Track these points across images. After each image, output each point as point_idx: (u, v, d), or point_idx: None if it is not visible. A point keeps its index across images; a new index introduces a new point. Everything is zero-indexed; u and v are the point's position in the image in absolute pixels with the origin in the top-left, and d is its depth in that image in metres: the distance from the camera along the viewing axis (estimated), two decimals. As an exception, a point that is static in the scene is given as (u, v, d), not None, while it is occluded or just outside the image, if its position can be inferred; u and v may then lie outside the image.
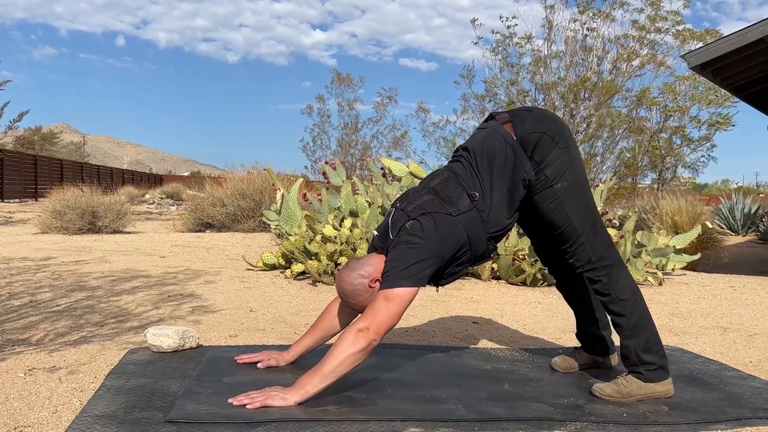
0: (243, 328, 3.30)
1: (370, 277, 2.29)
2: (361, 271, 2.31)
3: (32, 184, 24.82)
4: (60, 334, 3.01)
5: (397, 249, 2.23)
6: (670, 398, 2.43)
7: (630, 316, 2.43)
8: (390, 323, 2.16)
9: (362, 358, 2.14)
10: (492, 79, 17.23)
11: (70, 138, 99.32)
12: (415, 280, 2.19)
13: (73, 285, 4.37)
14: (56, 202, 9.08)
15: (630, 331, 2.43)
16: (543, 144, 2.35)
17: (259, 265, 5.50)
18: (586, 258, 2.43)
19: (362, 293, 2.30)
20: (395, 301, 2.16)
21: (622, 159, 16.66)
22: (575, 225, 2.40)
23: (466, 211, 2.28)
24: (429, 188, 2.35)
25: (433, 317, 3.80)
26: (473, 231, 2.29)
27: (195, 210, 10.27)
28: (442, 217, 2.25)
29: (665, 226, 7.39)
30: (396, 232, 2.27)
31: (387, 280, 2.20)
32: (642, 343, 2.42)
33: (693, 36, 16.11)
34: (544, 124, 2.40)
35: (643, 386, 2.39)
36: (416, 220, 2.24)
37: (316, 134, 24.08)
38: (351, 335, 2.12)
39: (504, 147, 2.34)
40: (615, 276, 2.44)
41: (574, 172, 2.40)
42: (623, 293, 2.44)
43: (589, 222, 2.43)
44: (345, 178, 5.93)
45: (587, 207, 2.44)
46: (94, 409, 2.01)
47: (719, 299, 4.94)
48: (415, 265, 2.18)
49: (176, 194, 24.70)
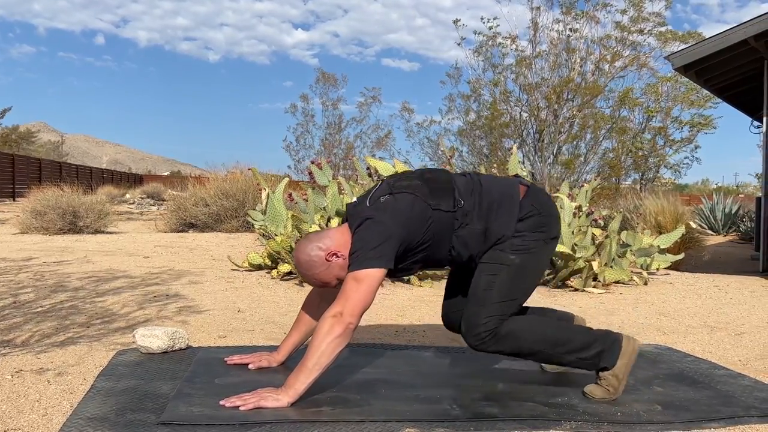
0: (232, 329, 3.27)
1: (327, 250, 2.24)
2: (320, 243, 2.26)
3: (10, 183, 24.48)
4: (46, 335, 2.96)
5: (365, 225, 2.20)
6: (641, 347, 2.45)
7: (541, 350, 2.36)
8: (363, 305, 2.13)
9: (342, 344, 2.11)
10: (476, 80, 17.29)
11: (48, 137, 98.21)
12: (385, 260, 2.16)
13: (56, 286, 4.31)
14: (36, 202, 8.95)
15: (555, 356, 2.38)
16: (533, 220, 2.34)
17: (245, 266, 5.46)
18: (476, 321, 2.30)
19: (318, 265, 2.25)
20: (365, 281, 2.13)
21: (606, 159, 16.78)
22: (493, 294, 2.31)
23: (445, 211, 2.26)
24: (422, 176, 2.35)
25: (423, 317, 3.79)
26: (440, 231, 2.27)
27: (177, 210, 10.17)
28: (418, 200, 2.23)
29: (649, 226, 7.44)
30: (372, 202, 2.25)
31: (355, 261, 2.16)
32: (575, 351, 2.37)
33: (675, 37, 16.26)
34: (547, 212, 2.40)
35: (615, 371, 2.36)
36: (393, 196, 2.23)
37: (300, 134, 24.00)
38: (327, 323, 2.09)
39: (507, 195, 2.34)
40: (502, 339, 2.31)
41: (532, 260, 2.35)
42: (514, 344, 2.33)
43: (503, 304, 2.32)
44: (331, 178, 5.90)
45: (515, 292, 2.35)
46: (85, 411, 1.97)
47: (704, 298, 4.97)
48: (383, 244, 2.15)
49: (157, 194, 24.49)
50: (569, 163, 15.10)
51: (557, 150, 15.30)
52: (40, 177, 25.86)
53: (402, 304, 4.17)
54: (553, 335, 2.38)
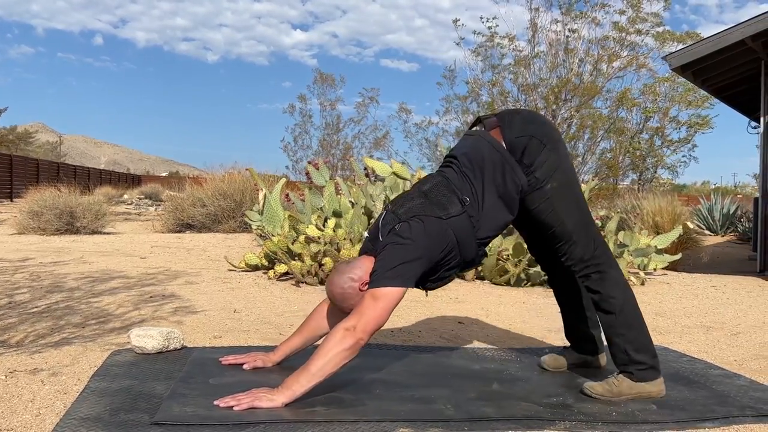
0: (227, 329, 3.26)
1: (360, 281, 2.27)
2: (351, 274, 2.29)
3: (7, 184, 24.46)
4: (40, 335, 2.95)
5: (386, 250, 2.22)
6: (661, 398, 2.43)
7: (619, 314, 2.43)
8: (377, 323, 2.14)
9: (349, 357, 2.12)
10: (474, 80, 17.29)
11: (46, 138, 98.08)
12: (403, 280, 2.17)
13: (52, 286, 4.30)
14: (33, 203, 8.94)
15: (620, 329, 2.43)
16: (532, 147, 2.35)
17: (242, 266, 5.45)
18: (578, 257, 2.44)
19: (352, 297, 2.28)
20: (382, 300, 2.14)
21: (604, 159, 16.78)
22: (567, 225, 2.40)
23: (456, 215, 2.27)
24: (420, 192, 2.34)
25: (419, 318, 3.79)
26: (462, 235, 2.28)
27: (175, 210, 10.16)
28: (431, 220, 2.24)
29: (646, 227, 7.44)
30: (386, 234, 2.26)
31: (374, 279, 2.18)
32: (632, 342, 2.42)
33: (673, 38, 16.27)
34: (533, 127, 2.40)
35: (634, 386, 2.39)
36: (406, 222, 2.24)
37: (298, 134, 23.98)
38: (338, 334, 2.10)
39: (493, 155, 2.34)
40: (606, 275, 2.44)
41: (563, 173, 2.40)
42: (614, 291, 2.44)
43: (581, 221, 2.43)
44: (328, 178, 5.90)
45: (578, 206, 2.45)
46: (79, 411, 1.96)
47: (701, 299, 4.97)
48: (403, 265, 2.17)
49: (155, 195, 24.49)
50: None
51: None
52: (37, 177, 25.84)
53: (399, 304, 4.15)
54: (639, 316, 2.48)
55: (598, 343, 2.75)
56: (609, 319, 2.46)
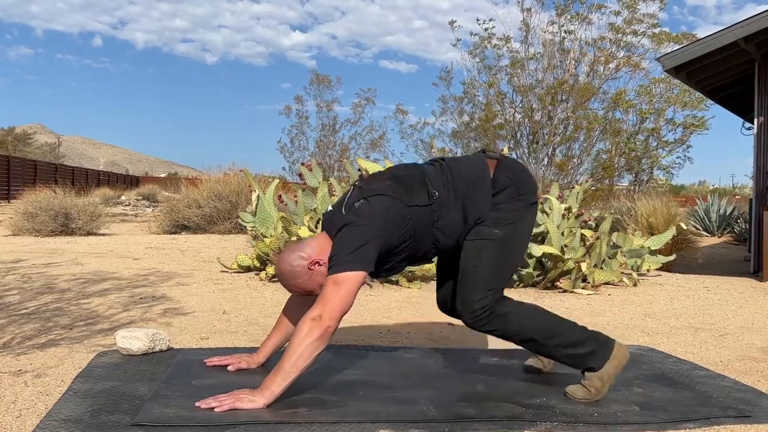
0: (215, 331, 3.27)
1: (309, 259, 2.25)
2: (301, 252, 2.27)
3: (5, 185, 24.45)
4: (27, 337, 2.96)
5: (344, 231, 2.21)
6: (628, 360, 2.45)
7: (533, 337, 2.38)
8: (342, 308, 2.13)
9: (321, 347, 2.11)
10: (470, 81, 17.30)
11: (44, 139, 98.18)
12: (363, 263, 2.16)
13: (43, 287, 4.30)
14: (28, 204, 8.95)
15: (546, 346, 2.40)
16: (509, 191, 2.35)
17: (234, 267, 5.46)
18: (466, 298, 2.34)
19: (300, 275, 2.26)
20: (345, 285, 2.13)
21: (599, 160, 16.78)
22: (481, 272, 2.33)
23: (421, 206, 2.26)
24: (392, 174, 2.35)
25: (408, 318, 3.79)
26: (421, 226, 2.28)
27: (170, 211, 10.17)
28: (393, 201, 2.23)
29: (641, 228, 7.45)
30: (347, 210, 2.25)
31: (335, 264, 2.17)
32: (566, 345, 2.38)
33: (669, 39, 16.29)
34: (522, 180, 2.41)
35: (602, 374, 2.38)
36: (366, 200, 2.23)
37: (294, 135, 23.96)
38: (306, 326, 2.10)
39: (478, 174, 2.35)
40: (493, 316, 2.34)
41: (515, 231, 2.37)
42: (510, 326, 2.36)
43: (492, 279, 2.35)
44: (321, 180, 5.90)
45: (503, 267, 2.38)
46: (60, 412, 1.97)
47: (692, 300, 4.98)
48: (362, 247, 2.16)
49: (152, 196, 24.45)
50: (563, 165, 15.10)
51: (551, 152, 15.31)
52: (35, 179, 25.82)
53: (389, 305, 4.18)
54: (548, 326, 2.40)
55: None
56: (530, 345, 2.43)
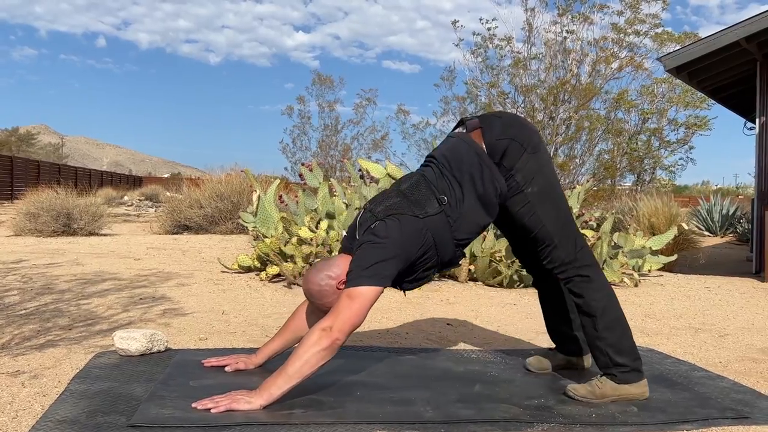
0: (213, 331, 3.27)
1: (337, 279, 2.28)
2: (329, 272, 2.30)
3: (8, 185, 24.50)
4: (26, 337, 2.96)
5: (362, 249, 2.23)
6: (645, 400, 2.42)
7: (601, 317, 2.43)
8: (354, 322, 2.15)
9: (326, 358, 2.12)
10: (473, 81, 17.29)
11: (48, 139, 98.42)
12: (379, 279, 2.17)
13: (43, 288, 4.31)
14: (30, 204, 8.95)
15: (601, 331, 2.43)
16: (512, 150, 2.35)
17: (235, 268, 5.46)
18: (559, 260, 2.45)
19: (329, 294, 2.29)
20: (358, 300, 2.15)
21: (601, 161, 16.76)
22: (548, 228, 2.41)
23: (433, 215, 2.27)
24: (398, 191, 2.35)
25: (407, 319, 3.79)
26: (439, 235, 2.29)
27: (172, 212, 10.18)
28: (407, 219, 2.24)
29: (642, 228, 7.43)
30: (362, 233, 2.27)
31: (350, 279, 2.19)
32: (614, 344, 2.42)
33: (671, 39, 16.25)
34: (513, 130, 2.40)
35: (617, 388, 2.39)
36: (382, 221, 2.24)
37: (296, 135, 23.97)
38: (315, 335, 2.11)
39: (471, 157, 2.34)
40: (588, 278, 2.45)
41: (544, 176, 2.41)
42: (595, 294, 2.44)
43: (562, 224, 2.44)
44: (322, 180, 5.90)
45: (559, 210, 2.45)
46: (56, 413, 1.97)
47: (693, 300, 4.97)
48: (378, 264, 2.17)
49: (155, 196, 24.48)
50: (564, 165, 15.08)
51: (553, 152, 15.30)
52: (38, 179, 25.86)
53: (389, 306, 4.17)
54: (621, 317, 2.47)
55: (582, 344, 2.74)
56: (591, 321, 2.46)
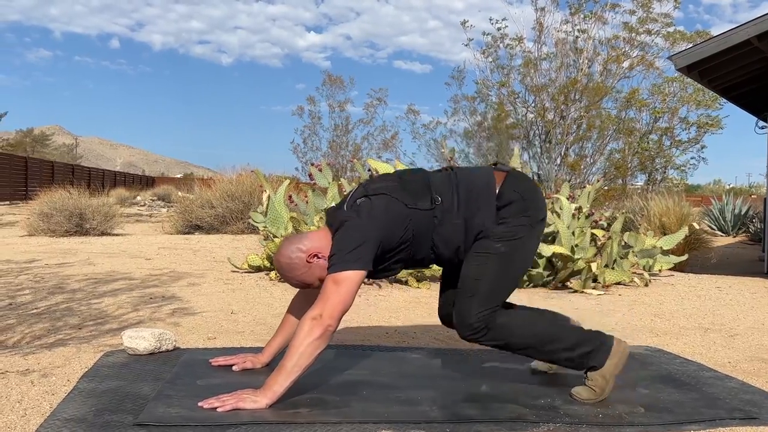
0: (222, 331, 3.29)
1: (308, 252, 2.27)
2: (300, 245, 2.29)
3: (23, 186, 24.71)
4: (36, 336, 2.99)
5: (343, 229, 2.22)
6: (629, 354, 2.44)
7: (532, 344, 2.38)
8: (342, 307, 2.15)
9: (322, 346, 2.13)
10: (483, 81, 17.25)
11: (62, 140, 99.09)
12: (363, 262, 2.17)
13: (54, 287, 4.35)
14: (43, 205, 9.03)
15: (547, 352, 2.40)
16: (516, 206, 2.33)
17: (245, 267, 5.48)
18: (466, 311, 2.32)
19: (298, 267, 2.28)
20: (344, 284, 2.15)
21: (612, 160, 16.67)
22: (482, 285, 2.32)
23: (422, 210, 2.27)
24: (399, 177, 2.36)
25: (416, 319, 3.80)
26: (420, 230, 2.28)
27: (184, 212, 10.23)
28: (395, 202, 2.24)
29: (653, 227, 7.40)
30: (350, 206, 2.27)
31: (334, 263, 2.18)
32: (566, 349, 2.38)
33: (683, 38, 16.13)
34: (531, 195, 2.39)
35: (604, 371, 2.36)
36: (368, 198, 2.25)
37: (307, 136, 23.99)
38: (306, 325, 2.11)
39: (482, 186, 2.34)
40: (491, 327, 2.33)
41: (520, 247, 2.35)
42: (510, 337, 2.36)
43: (493, 291, 2.34)
44: (331, 180, 5.92)
45: (504, 280, 2.37)
46: (64, 412, 1.99)
47: (704, 300, 4.95)
48: (361, 246, 2.17)
49: (167, 196, 24.59)
50: (575, 164, 15.03)
51: (564, 151, 15.25)
52: (52, 179, 26.04)
53: (396, 305, 4.18)
54: (544, 331, 2.40)
55: None
56: (528, 353, 2.42)
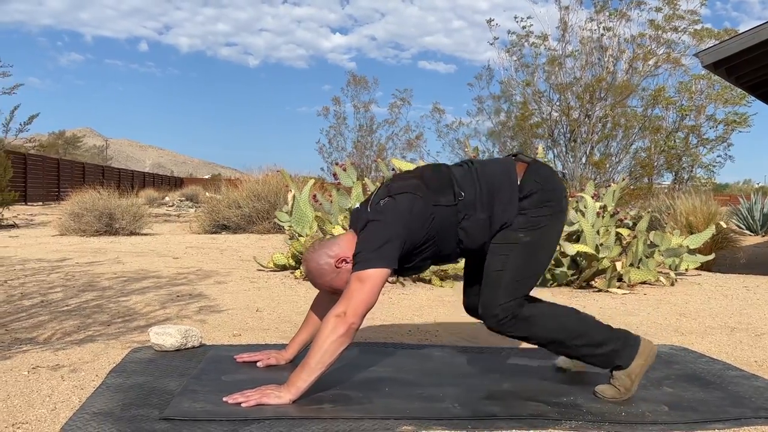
0: (247, 328, 3.33)
1: (336, 257, 2.28)
2: (328, 250, 2.31)
3: (55, 187, 25.14)
4: (67, 333, 3.05)
5: (368, 228, 2.23)
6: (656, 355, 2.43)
7: (560, 339, 2.37)
8: (366, 305, 2.16)
9: (345, 344, 2.14)
10: (507, 80, 17.19)
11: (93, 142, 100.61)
12: (387, 260, 2.18)
13: (85, 285, 4.43)
14: (74, 205, 9.19)
15: (572, 348, 2.39)
16: (537, 196, 2.33)
17: (270, 266, 5.54)
18: (492, 300, 2.33)
19: (328, 273, 2.30)
20: (369, 282, 2.16)
21: (638, 159, 16.49)
22: (506, 275, 2.32)
23: (446, 205, 2.27)
24: (419, 173, 2.37)
25: (439, 317, 3.81)
26: (444, 226, 2.28)
27: (211, 212, 10.35)
28: (418, 199, 2.24)
29: (679, 226, 7.33)
30: (374, 206, 2.28)
31: (359, 261, 2.19)
32: (591, 345, 2.37)
33: (710, 35, 15.92)
34: (552, 184, 2.39)
35: (630, 371, 2.36)
36: (392, 197, 2.25)
37: (332, 136, 24.09)
38: (330, 323, 2.13)
39: (503, 179, 2.34)
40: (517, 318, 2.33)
41: (542, 235, 2.36)
42: (535, 330, 2.36)
43: (518, 281, 2.34)
44: (356, 179, 5.95)
45: (528, 270, 2.37)
46: (92, 406, 2.04)
47: (730, 299, 4.89)
48: (386, 245, 2.18)
49: (195, 196, 24.85)
50: (600, 163, 14.90)
51: (590, 150, 15.14)
52: (83, 180, 26.44)
53: (420, 303, 4.19)
54: (572, 326, 2.39)
55: None
56: (554, 347, 2.42)
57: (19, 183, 19.84)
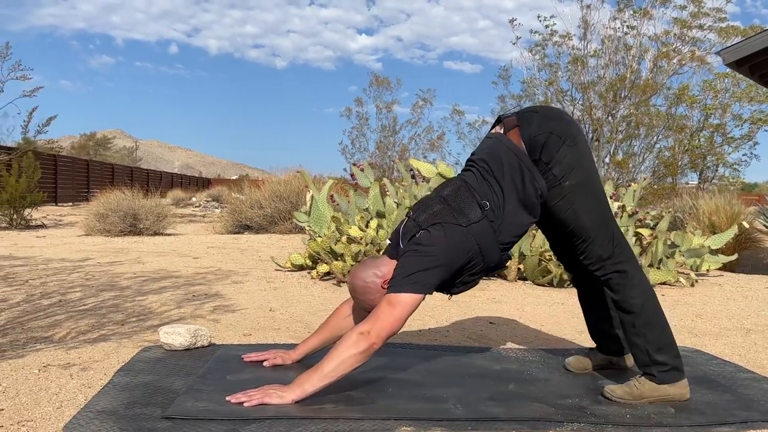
0: (259, 327, 3.36)
1: (383, 277, 2.30)
2: (376, 269, 2.33)
3: (84, 187, 25.51)
4: (81, 332, 3.11)
5: (405, 257, 2.25)
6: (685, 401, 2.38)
7: (640, 314, 2.39)
8: (392, 328, 2.18)
9: (362, 361, 2.16)
10: (530, 79, 17.07)
11: (123, 143, 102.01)
12: (420, 286, 2.19)
13: (104, 285, 4.50)
14: (99, 205, 9.33)
15: (640, 328, 2.39)
16: (550, 144, 2.32)
17: (288, 266, 5.57)
18: (596, 256, 2.42)
19: (373, 291, 2.32)
20: (398, 306, 2.17)
21: (662, 158, 16.26)
22: (584, 222, 2.38)
23: (477, 221, 2.26)
24: (441, 197, 2.35)
25: (451, 318, 3.80)
26: (484, 241, 2.28)
27: (234, 212, 10.44)
28: (452, 228, 2.24)
29: (702, 226, 7.23)
30: (406, 242, 2.29)
31: (392, 285, 2.21)
32: (653, 341, 2.38)
33: (737, 33, 15.64)
34: (551, 123, 2.37)
35: (657, 388, 2.35)
36: (426, 230, 2.25)
37: (355, 137, 24.09)
38: (353, 337, 2.15)
39: (511, 158, 2.32)
40: (626, 274, 2.42)
41: (582, 169, 2.37)
42: (633, 291, 2.41)
43: (599, 219, 2.40)
44: (373, 180, 5.97)
45: (597, 204, 2.42)
46: (96, 404, 2.08)
47: (750, 300, 4.82)
48: (421, 273, 2.19)
49: (221, 197, 25.06)
50: (623, 162, 14.73)
51: (613, 149, 14.98)
52: (112, 181, 26.81)
53: (433, 304, 4.19)
54: (654, 310, 2.43)
55: (623, 343, 2.70)
56: (629, 319, 2.42)
57: (49, 184, 20.20)
